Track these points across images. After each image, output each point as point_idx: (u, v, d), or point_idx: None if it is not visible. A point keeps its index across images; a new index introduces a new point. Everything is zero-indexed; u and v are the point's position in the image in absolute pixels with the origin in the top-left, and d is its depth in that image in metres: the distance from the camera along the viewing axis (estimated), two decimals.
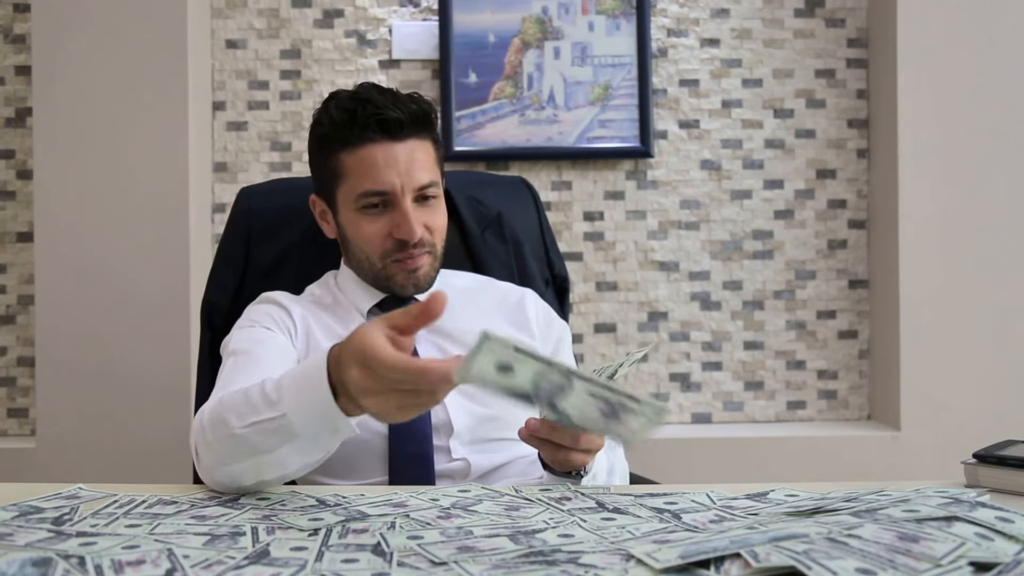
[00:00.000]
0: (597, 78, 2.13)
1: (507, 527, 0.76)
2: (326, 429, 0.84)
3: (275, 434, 0.85)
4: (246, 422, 0.86)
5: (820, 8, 2.17)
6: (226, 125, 2.14)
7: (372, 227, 1.17)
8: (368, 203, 1.17)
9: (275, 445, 0.85)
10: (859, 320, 2.18)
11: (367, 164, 1.15)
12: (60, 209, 1.96)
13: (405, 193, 1.16)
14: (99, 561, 0.65)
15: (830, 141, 2.17)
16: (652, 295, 2.16)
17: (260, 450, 0.86)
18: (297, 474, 0.90)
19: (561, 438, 0.94)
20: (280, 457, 0.86)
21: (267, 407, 0.86)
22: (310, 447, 0.86)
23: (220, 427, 0.89)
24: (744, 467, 2.01)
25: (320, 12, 2.14)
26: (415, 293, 1.22)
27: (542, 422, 0.94)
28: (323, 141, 1.20)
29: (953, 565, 0.61)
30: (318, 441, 0.86)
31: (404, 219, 1.15)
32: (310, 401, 0.83)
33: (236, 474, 0.89)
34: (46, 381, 1.96)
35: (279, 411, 0.84)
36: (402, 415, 0.79)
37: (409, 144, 1.17)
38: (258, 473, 0.89)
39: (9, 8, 2.12)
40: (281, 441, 0.85)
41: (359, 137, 1.15)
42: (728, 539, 0.67)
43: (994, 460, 0.89)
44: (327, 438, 0.86)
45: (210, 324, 1.38)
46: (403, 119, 1.16)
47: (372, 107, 1.15)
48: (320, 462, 0.90)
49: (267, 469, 0.88)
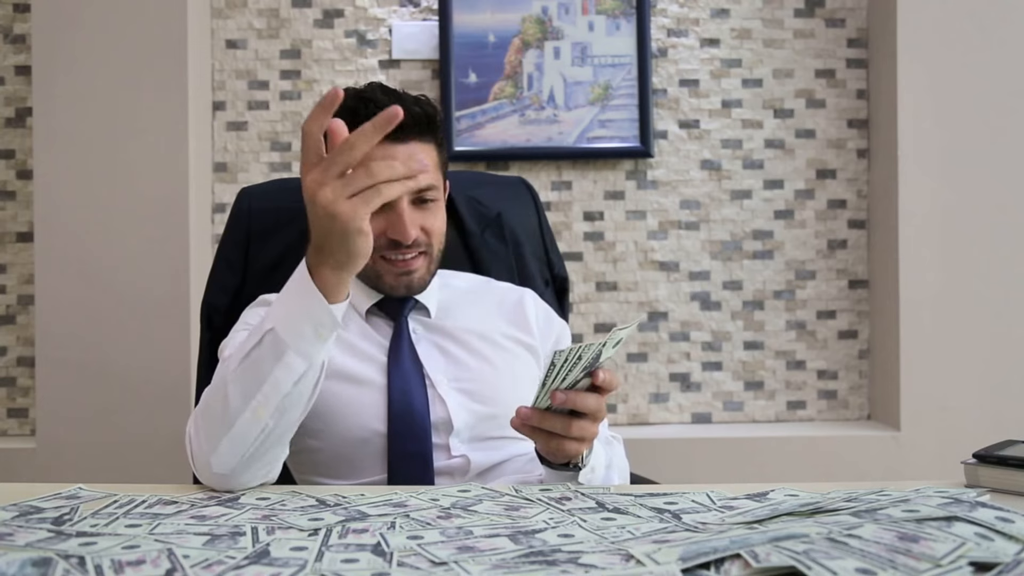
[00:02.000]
0: (597, 78, 2.13)
1: (507, 527, 0.76)
2: (311, 325, 0.91)
3: (266, 353, 0.91)
4: (240, 357, 0.93)
5: (820, 8, 2.17)
6: (226, 125, 2.14)
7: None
8: None
9: (268, 369, 0.91)
10: (859, 320, 2.18)
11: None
12: (60, 209, 1.96)
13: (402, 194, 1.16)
14: (99, 561, 0.65)
15: (830, 141, 2.17)
16: (652, 295, 2.16)
17: (255, 383, 0.91)
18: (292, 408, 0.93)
19: (552, 425, 0.94)
20: (273, 383, 0.91)
21: (256, 334, 0.93)
22: (296, 358, 0.91)
23: (216, 390, 0.95)
24: (744, 467, 2.01)
25: (320, 12, 2.14)
26: (408, 294, 1.22)
27: (533, 410, 0.94)
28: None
29: (953, 565, 0.61)
30: (303, 346, 0.91)
31: (399, 220, 1.15)
32: (290, 300, 0.92)
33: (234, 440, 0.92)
34: (46, 381, 1.96)
35: (266, 327, 0.92)
36: (352, 204, 0.88)
37: (410, 146, 1.17)
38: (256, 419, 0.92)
39: (9, 8, 2.12)
40: (273, 359, 0.91)
41: None
42: (728, 539, 0.67)
43: (994, 460, 0.89)
44: (311, 341, 0.91)
45: (210, 324, 1.38)
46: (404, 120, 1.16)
47: (374, 106, 1.15)
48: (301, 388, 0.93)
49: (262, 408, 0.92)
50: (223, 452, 0.92)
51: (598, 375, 0.93)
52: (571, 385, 0.93)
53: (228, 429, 0.92)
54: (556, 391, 0.91)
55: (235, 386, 0.92)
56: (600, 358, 0.92)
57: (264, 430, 0.92)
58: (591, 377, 0.93)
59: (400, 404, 1.14)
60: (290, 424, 0.95)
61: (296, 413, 0.94)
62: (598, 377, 0.93)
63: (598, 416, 0.96)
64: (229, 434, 0.92)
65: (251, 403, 0.91)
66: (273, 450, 0.95)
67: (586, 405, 0.93)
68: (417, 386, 1.16)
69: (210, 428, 0.94)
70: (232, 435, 0.92)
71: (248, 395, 0.92)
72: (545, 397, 0.92)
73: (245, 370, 0.92)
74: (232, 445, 0.92)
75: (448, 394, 1.17)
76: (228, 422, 0.92)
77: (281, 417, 0.93)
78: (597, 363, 0.92)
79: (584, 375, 0.93)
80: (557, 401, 0.91)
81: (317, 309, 0.91)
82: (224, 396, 0.93)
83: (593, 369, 0.93)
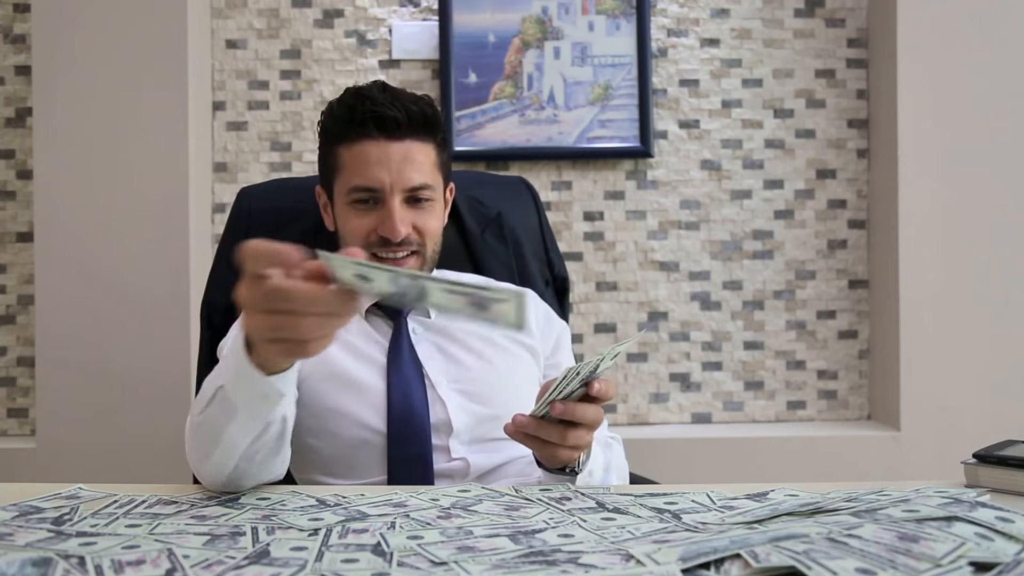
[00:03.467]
0: (597, 78, 2.13)
1: (507, 527, 0.76)
2: (255, 394, 0.83)
3: (220, 410, 0.85)
4: (203, 404, 0.88)
5: (820, 8, 2.17)
6: (226, 125, 2.14)
7: (359, 221, 1.18)
8: (358, 198, 1.18)
9: (223, 424, 0.85)
10: (859, 320, 2.18)
11: (360, 160, 1.17)
12: (60, 209, 1.96)
13: (394, 192, 1.16)
14: (99, 561, 0.65)
15: (830, 141, 2.17)
16: (652, 295, 2.16)
17: (215, 431, 0.86)
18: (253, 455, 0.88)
19: (549, 434, 0.94)
20: (230, 437, 0.86)
21: (212, 383, 0.87)
22: (247, 420, 0.85)
23: (191, 419, 0.92)
24: (744, 467, 2.01)
25: (320, 12, 2.14)
26: None
27: (530, 418, 0.94)
28: (325, 134, 1.23)
29: (953, 565, 0.61)
30: (253, 409, 0.84)
31: (389, 217, 1.16)
32: (234, 365, 0.82)
33: (214, 464, 0.89)
34: (46, 381, 1.96)
35: (218, 383, 0.85)
36: (274, 347, 0.74)
37: (406, 144, 1.17)
38: (225, 459, 0.87)
39: (9, 8, 2.12)
40: (226, 418, 0.85)
41: (356, 132, 1.17)
42: (728, 539, 0.67)
43: (994, 460, 0.89)
44: (260, 405, 0.84)
45: (210, 324, 1.38)
46: (400, 118, 1.16)
47: (371, 104, 1.16)
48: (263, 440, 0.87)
49: (228, 454, 0.87)
50: (211, 469, 0.90)
51: (593, 386, 0.93)
52: (568, 396, 0.93)
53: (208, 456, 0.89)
54: (555, 402, 0.92)
55: (200, 430, 0.89)
56: (598, 371, 0.92)
57: (240, 462, 0.89)
58: (587, 387, 0.94)
59: (400, 406, 1.14)
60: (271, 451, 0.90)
61: (272, 448, 0.90)
62: (593, 388, 0.93)
63: (594, 425, 0.96)
64: (210, 459, 0.89)
65: (219, 447, 0.87)
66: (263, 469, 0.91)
67: (584, 416, 0.93)
68: (417, 387, 1.16)
69: (196, 445, 0.91)
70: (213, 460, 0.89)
71: (214, 442, 0.87)
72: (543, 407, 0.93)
73: (204, 420, 0.88)
74: (216, 466, 0.89)
75: (448, 395, 1.17)
76: (207, 450, 0.89)
77: (251, 460, 0.89)
78: (594, 375, 0.93)
79: (580, 386, 0.93)
80: (556, 412, 0.91)
81: (258, 383, 0.81)
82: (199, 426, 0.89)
83: (589, 380, 0.93)
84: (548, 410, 0.92)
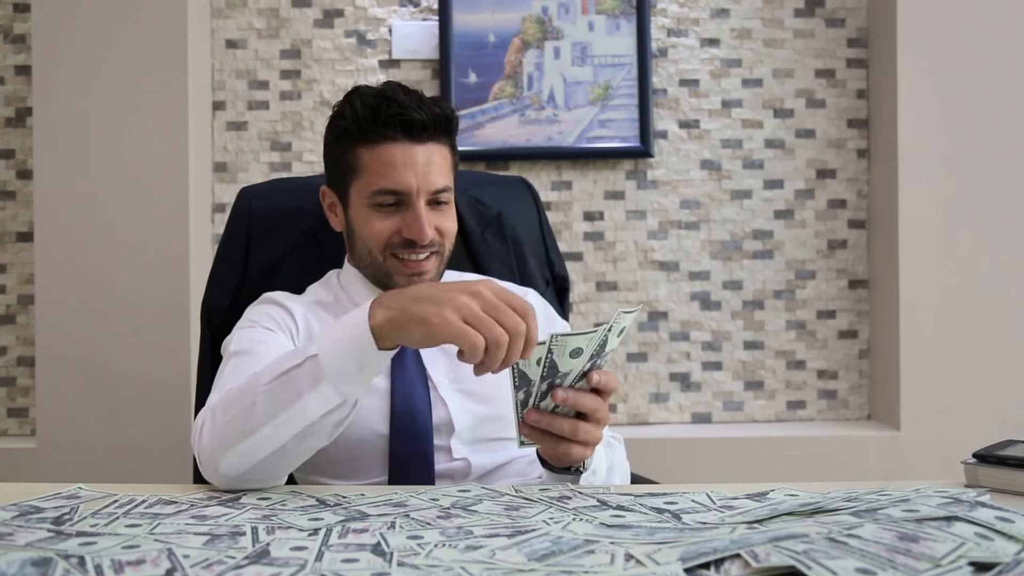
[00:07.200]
0: (597, 78, 2.13)
1: (507, 527, 0.76)
2: (353, 364, 0.89)
3: (303, 377, 0.90)
4: (276, 373, 0.91)
5: (820, 8, 2.17)
6: (226, 125, 2.14)
7: (383, 223, 1.17)
8: (382, 201, 1.16)
9: (300, 392, 0.90)
10: (859, 320, 2.18)
11: (385, 162, 1.15)
12: (60, 209, 1.96)
13: (420, 195, 1.16)
14: (99, 561, 0.65)
15: (830, 141, 2.17)
16: (652, 295, 2.16)
17: (284, 403, 0.90)
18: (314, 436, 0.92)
19: (561, 428, 0.94)
20: (302, 408, 0.90)
21: (298, 356, 0.91)
22: (332, 392, 0.89)
23: (243, 396, 0.93)
24: (744, 467, 2.01)
25: (320, 12, 2.14)
26: None
27: (541, 413, 0.94)
28: (343, 134, 1.19)
29: (953, 565, 0.61)
30: (343, 381, 0.89)
31: (416, 220, 1.15)
32: (342, 333, 0.90)
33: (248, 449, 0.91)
34: (46, 381, 1.96)
35: (310, 352, 0.90)
36: (468, 332, 0.86)
37: (429, 147, 1.17)
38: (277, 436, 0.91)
39: (9, 8, 2.12)
40: (309, 384, 0.89)
41: (380, 135, 1.15)
42: (728, 539, 0.67)
43: (994, 460, 0.89)
44: (353, 377, 0.90)
45: (210, 324, 1.38)
46: (426, 121, 1.16)
47: (397, 106, 1.15)
48: (339, 423, 0.92)
49: (285, 428, 0.90)
50: (234, 457, 0.91)
51: (592, 377, 0.93)
52: (572, 382, 0.93)
53: (245, 438, 0.91)
54: (558, 389, 0.92)
55: (264, 399, 0.91)
56: (605, 347, 0.92)
57: (281, 449, 0.91)
58: (587, 380, 0.93)
59: (403, 406, 1.14)
60: (308, 450, 0.94)
61: (317, 442, 0.93)
62: (592, 379, 0.93)
63: (600, 418, 0.95)
64: (245, 443, 0.91)
65: (275, 421, 0.90)
66: (284, 466, 0.95)
67: (585, 405, 0.93)
68: (420, 387, 1.16)
69: (227, 430, 0.92)
70: (248, 444, 0.91)
71: (273, 413, 0.90)
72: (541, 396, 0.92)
73: (277, 387, 0.91)
74: (245, 453, 0.91)
75: (449, 395, 1.17)
76: (247, 431, 0.91)
77: (301, 442, 0.92)
78: (602, 354, 0.92)
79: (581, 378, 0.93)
80: (559, 399, 0.91)
81: (368, 353, 0.89)
82: (251, 405, 0.92)
83: (588, 372, 0.93)
84: (553, 402, 0.92)
